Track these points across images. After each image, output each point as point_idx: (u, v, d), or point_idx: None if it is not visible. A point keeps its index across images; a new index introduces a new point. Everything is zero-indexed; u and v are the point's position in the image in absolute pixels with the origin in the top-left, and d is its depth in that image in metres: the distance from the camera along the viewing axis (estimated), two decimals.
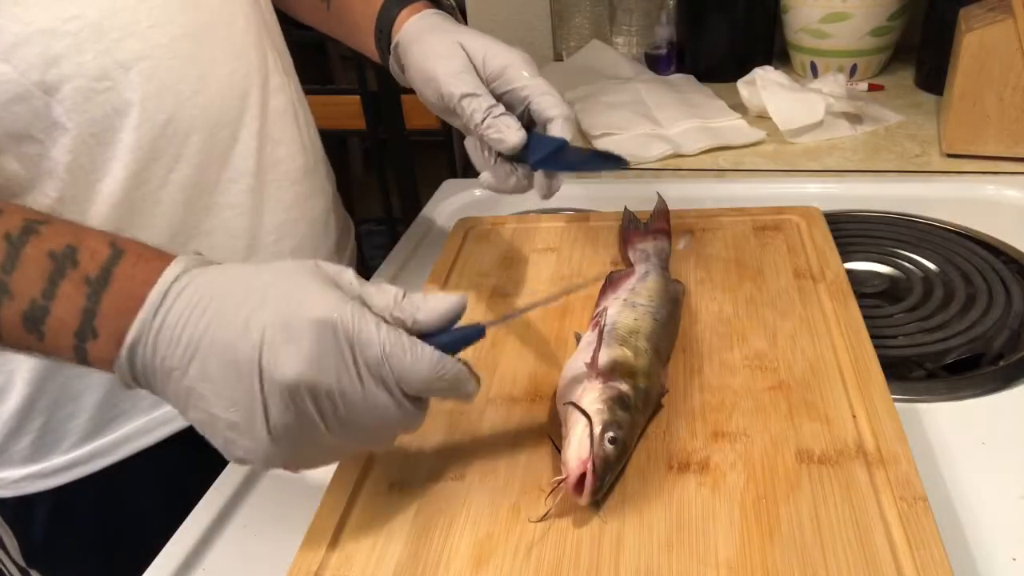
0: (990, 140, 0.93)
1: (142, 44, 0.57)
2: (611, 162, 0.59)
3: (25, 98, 0.52)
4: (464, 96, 0.57)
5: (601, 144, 1.06)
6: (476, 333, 0.47)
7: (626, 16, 1.36)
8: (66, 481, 0.66)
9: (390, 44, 0.65)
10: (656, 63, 1.31)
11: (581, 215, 0.82)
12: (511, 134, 0.56)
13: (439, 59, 0.59)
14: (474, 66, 0.59)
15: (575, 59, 1.37)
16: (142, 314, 0.41)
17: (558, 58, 1.43)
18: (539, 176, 0.59)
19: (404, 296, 0.44)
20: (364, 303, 0.43)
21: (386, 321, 0.42)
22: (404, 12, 0.64)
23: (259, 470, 0.44)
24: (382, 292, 0.44)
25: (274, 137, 0.69)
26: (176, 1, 0.59)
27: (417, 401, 0.44)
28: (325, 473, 0.55)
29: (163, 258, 0.43)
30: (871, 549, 0.44)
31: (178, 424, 0.69)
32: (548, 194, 0.60)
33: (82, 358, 0.42)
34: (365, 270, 0.82)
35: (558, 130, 0.58)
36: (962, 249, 0.77)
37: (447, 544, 0.48)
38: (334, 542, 0.49)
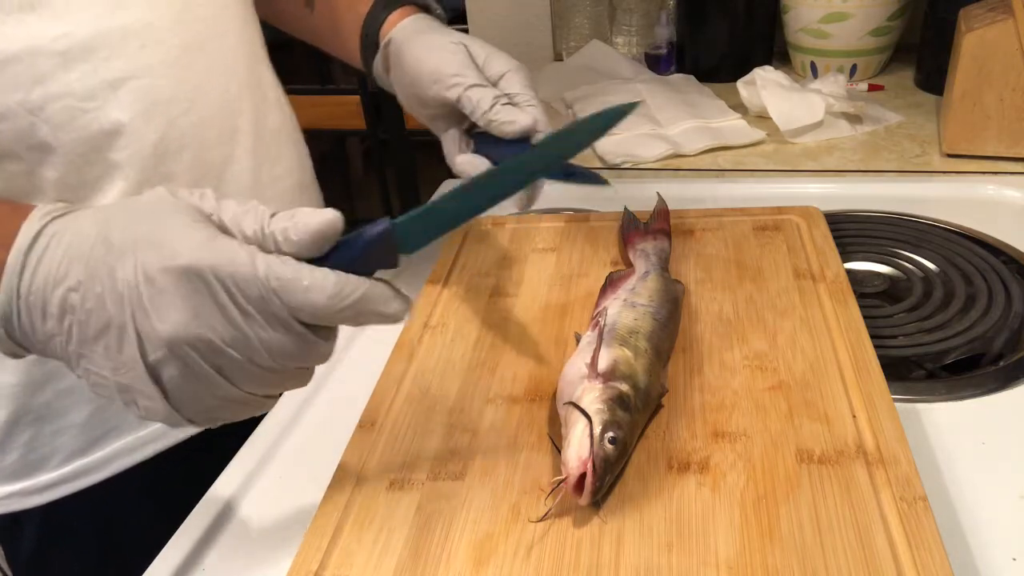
0: (990, 140, 0.93)
1: (131, 63, 0.56)
2: (590, 179, 0.60)
3: (7, 117, 0.51)
4: (472, 86, 0.57)
5: (599, 144, 1.06)
6: (380, 235, 0.40)
7: (626, 16, 1.36)
8: (56, 498, 0.65)
9: (377, 44, 0.65)
10: (656, 63, 1.31)
11: (581, 215, 0.82)
12: (523, 117, 0.57)
13: (444, 52, 0.59)
14: (476, 65, 0.60)
15: (575, 59, 1.37)
16: (4, 293, 0.38)
17: (558, 58, 1.43)
18: None
19: (272, 215, 0.39)
20: (237, 225, 0.39)
21: (262, 247, 0.38)
22: (395, 14, 0.64)
23: (173, 426, 0.41)
24: (250, 212, 0.39)
25: (271, 154, 0.68)
26: (166, 20, 0.58)
27: (323, 330, 0.40)
28: (325, 473, 0.55)
29: (19, 212, 0.39)
30: (871, 549, 0.44)
31: (170, 439, 0.68)
32: (526, 204, 0.61)
33: None
34: None
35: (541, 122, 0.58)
36: (962, 249, 0.77)
37: (447, 544, 0.48)
38: (334, 542, 0.49)
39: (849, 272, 0.67)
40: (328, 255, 0.39)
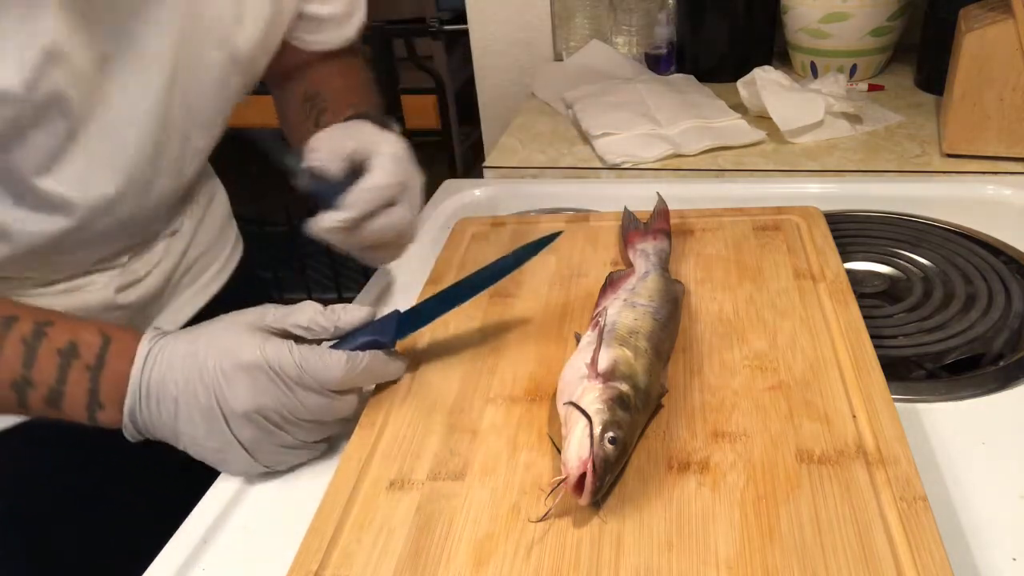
0: (990, 140, 0.93)
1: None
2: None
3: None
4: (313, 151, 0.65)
5: (599, 144, 1.06)
6: (386, 320, 0.59)
7: (626, 16, 1.36)
8: None
9: None
10: (656, 63, 1.31)
11: (581, 215, 0.82)
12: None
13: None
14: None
15: (575, 59, 1.37)
16: (130, 394, 0.53)
17: (558, 58, 1.43)
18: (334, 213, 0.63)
19: (325, 307, 0.57)
20: (291, 323, 0.56)
21: (301, 339, 0.56)
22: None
23: (254, 476, 0.57)
24: (302, 310, 0.57)
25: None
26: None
27: (346, 392, 0.56)
28: (325, 473, 0.55)
29: (137, 337, 0.55)
30: (871, 549, 0.44)
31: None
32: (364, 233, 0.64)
33: (94, 422, 0.55)
34: (364, 270, 0.82)
35: (378, 166, 0.64)
36: (962, 249, 0.77)
37: (447, 544, 0.48)
38: (334, 542, 0.49)
39: (849, 272, 0.68)
40: (357, 330, 0.58)
